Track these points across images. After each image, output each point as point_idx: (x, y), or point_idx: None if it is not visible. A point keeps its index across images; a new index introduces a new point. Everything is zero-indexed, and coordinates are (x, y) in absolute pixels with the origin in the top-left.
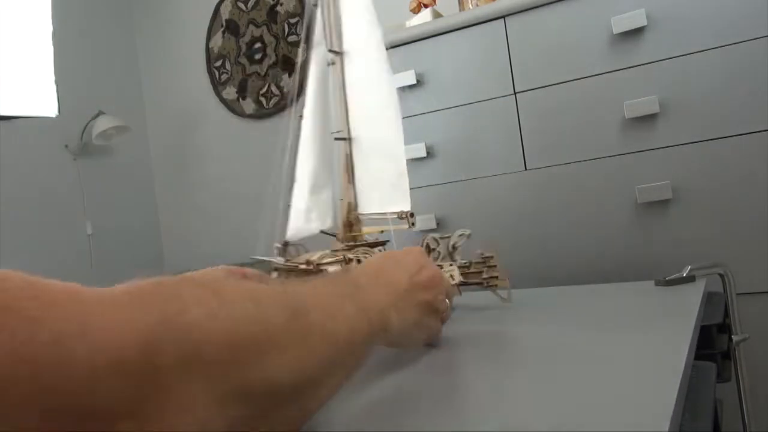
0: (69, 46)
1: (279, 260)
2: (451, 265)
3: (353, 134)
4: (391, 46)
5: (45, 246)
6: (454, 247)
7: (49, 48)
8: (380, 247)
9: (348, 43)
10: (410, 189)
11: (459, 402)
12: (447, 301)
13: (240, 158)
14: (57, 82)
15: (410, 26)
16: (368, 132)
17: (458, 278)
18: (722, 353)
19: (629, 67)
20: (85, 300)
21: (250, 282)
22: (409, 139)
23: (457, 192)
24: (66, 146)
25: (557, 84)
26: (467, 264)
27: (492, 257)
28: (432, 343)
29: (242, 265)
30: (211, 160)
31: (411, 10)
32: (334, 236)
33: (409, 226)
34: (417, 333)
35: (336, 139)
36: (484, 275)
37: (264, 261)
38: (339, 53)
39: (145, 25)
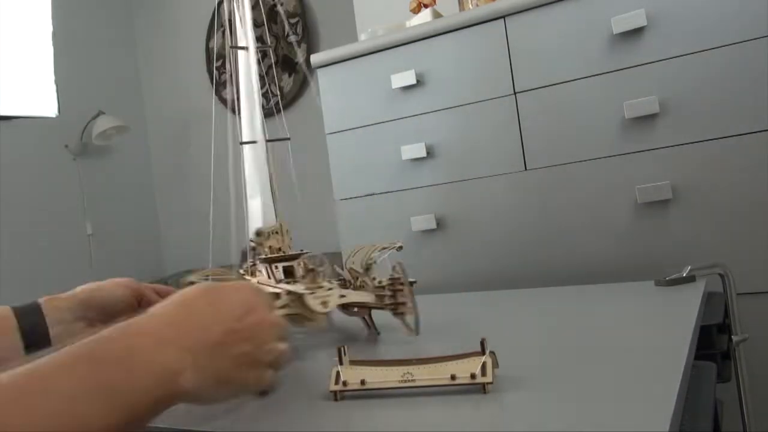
0: (69, 46)
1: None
2: (330, 288)
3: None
4: (391, 46)
5: (45, 246)
6: (368, 264)
7: (49, 48)
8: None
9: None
10: (411, 189)
11: (453, 400)
12: (282, 346)
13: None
14: (57, 82)
15: (410, 26)
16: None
17: (335, 304)
18: (722, 353)
19: (629, 67)
20: None
21: None
22: (409, 139)
23: (457, 192)
24: (66, 146)
25: (557, 84)
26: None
27: (399, 278)
28: (266, 391)
29: (169, 279)
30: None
31: (411, 10)
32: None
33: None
34: (226, 390)
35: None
36: (388, 300)
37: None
38: (246, 48)
39: (145, 25)
